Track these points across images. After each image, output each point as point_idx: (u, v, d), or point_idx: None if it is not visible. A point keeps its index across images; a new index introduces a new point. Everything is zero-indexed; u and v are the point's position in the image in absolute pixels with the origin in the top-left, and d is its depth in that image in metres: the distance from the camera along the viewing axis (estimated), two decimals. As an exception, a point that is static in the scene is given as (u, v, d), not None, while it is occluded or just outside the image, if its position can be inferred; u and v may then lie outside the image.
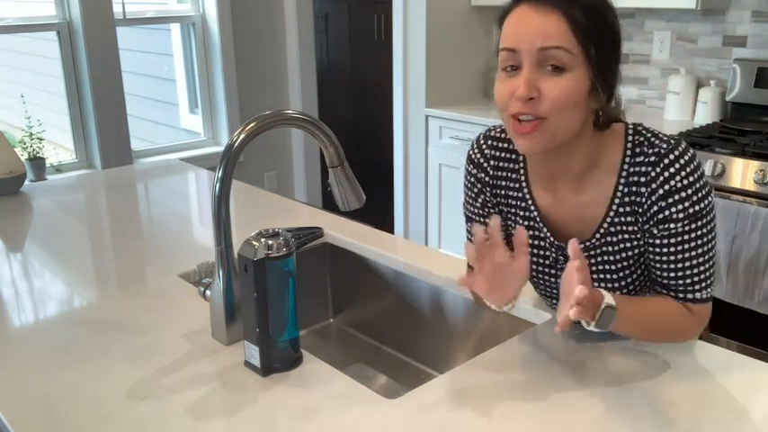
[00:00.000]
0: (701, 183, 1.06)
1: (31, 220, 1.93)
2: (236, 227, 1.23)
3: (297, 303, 1.12)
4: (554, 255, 1.17)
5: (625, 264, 1.13)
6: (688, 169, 1.04)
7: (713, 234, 1.08)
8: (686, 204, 1.05)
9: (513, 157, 1.20)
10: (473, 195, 1.26)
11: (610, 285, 1.15)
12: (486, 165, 1.22)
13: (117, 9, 3.57)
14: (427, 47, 3.45)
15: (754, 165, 2.36)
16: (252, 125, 1.16)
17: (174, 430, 0.99)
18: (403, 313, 1.56)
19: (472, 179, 1.24)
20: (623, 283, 1.14)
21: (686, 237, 1.06)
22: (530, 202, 1.18)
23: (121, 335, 1.25)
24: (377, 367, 1.56)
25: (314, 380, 1.11)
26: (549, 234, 1.16)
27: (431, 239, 3.68)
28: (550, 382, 1.09)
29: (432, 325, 1.52)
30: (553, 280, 1.19)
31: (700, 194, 1.05)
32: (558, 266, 1.18)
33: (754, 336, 2.38)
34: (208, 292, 1.24)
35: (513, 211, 1.21)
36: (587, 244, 1.13)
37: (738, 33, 2.92)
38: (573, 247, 0.97)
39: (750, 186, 2.37)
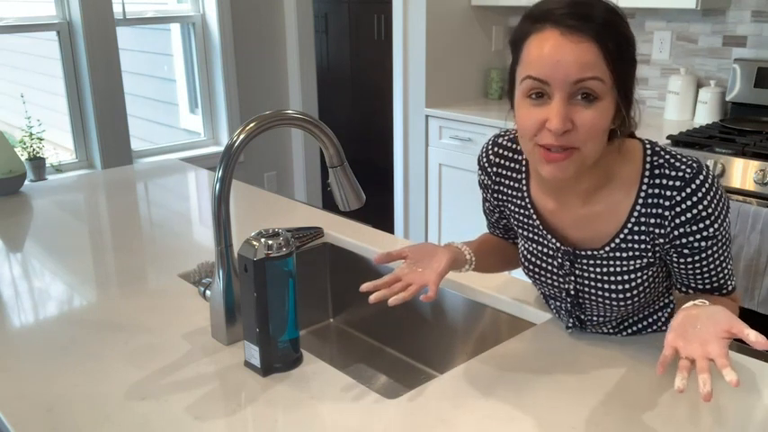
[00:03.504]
0: (724, 200, 1.07)
1: (31, 220, 1.93)
2: (236, 227, 1.23)
3: (297, 303, 1.12)
4: (560, 259, 1.17)
5: (632, 276, 1.12)
6: (711, 194, 1.05)
7: (730, 230, 1.12)
8: (715, 227, 1.06)
9: (516, 166, 1.20)
10: (483, 196, 1.30)
11: (614, 295, 1.14)
12: (489, 170, 1.24)
13: (117, 9, 3.57)
14: (427, 47, 3.45)
15: (754, 165, 2.36)
16: (252, 125, 1.16)
17: (173, 430, 0.99)
18: (403, 313, 1.56)
19: (479, 181, 1.28)
20: (627, 288, 1.14)
21: (714, 248, 1.08)
22: (531, 211, 1.18)
23: (121, 335, 1.25)
24: (377, 367, 1.56)
25: (314, 380, 1.11)
26: (554, 240, 1.16)
27: (431, 239, 3.68)
28: (550, 382, 1.09)
29: (432, 325, 1.52)
30: (560, 281, 1.19)
31: (725, 211, 1.07)
32: (565, 270, 1.17)
33: (754, 336, 2.38)
34: (208, 292, 1.24)
35: (515, 216, 1.22)
36: (596, 253, 1.13)
37: (738, 33, 2.92)
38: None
39: (750, 186, 2.37)
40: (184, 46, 4.15)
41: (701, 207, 1.04)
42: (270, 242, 1.08)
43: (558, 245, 1.16)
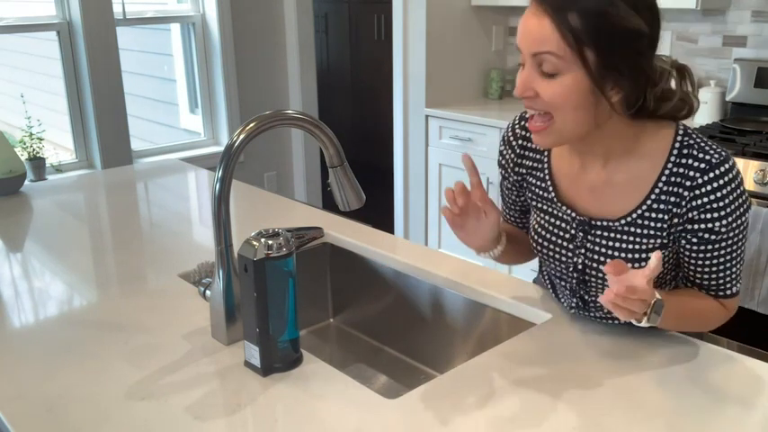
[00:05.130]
0: (743, 198, 1.08)
1: (31, 220, 1.93)
2: (236, 227, 1.23)
3: (297, 303, 1.12)
4: (573, 230, 1.19)
5: (643, 255, 1.14)
6: (733, 185, 1.06)
7: (745, 235, 1.12)
8: (729, 219, 1.07)
9: None
10: (501, 173, 1.33)
11: None
12: (514, 143, 1.28)
13: (117, 9, 3.58)
14: (427, 47, 3.45)
15: (755, 165, 2.36)
16: (252, 125, 1.16)
17: (173, 430, 0.99)
18: (403, 313, 1.56)
19: (500, 157, 1.31)
20: (635, 267, 1.14)
21: (723, 244, 1.10)
22: (549, 183, 1.21)
23: (121, 335, 1.25)
24: (377, 367, 1.56)
25: (314, 380, 1.11)
26: (569, 211, 1.18)
27: (431, 239, 3.68)
28: (550, 382, 1.09)
29: (432, 325, 1.52)
30: (569, 255, 1.20)
31: (740, 210, 1.08)
32: (576, 243, 1.19)
33: (754, 336, 2.38)
34: (208, 292, 1.24)
35: (532, 189, 1.25)
36: (611, 225, 1.15)
37: (738, 33, 2.92)
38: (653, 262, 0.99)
39: (750, 186, 2.37)
40: (184, 46, 4.15)
41: (718, 195, 1.06)
42: (270, 242, 1.08)
43: (573, 215, 1.18)
